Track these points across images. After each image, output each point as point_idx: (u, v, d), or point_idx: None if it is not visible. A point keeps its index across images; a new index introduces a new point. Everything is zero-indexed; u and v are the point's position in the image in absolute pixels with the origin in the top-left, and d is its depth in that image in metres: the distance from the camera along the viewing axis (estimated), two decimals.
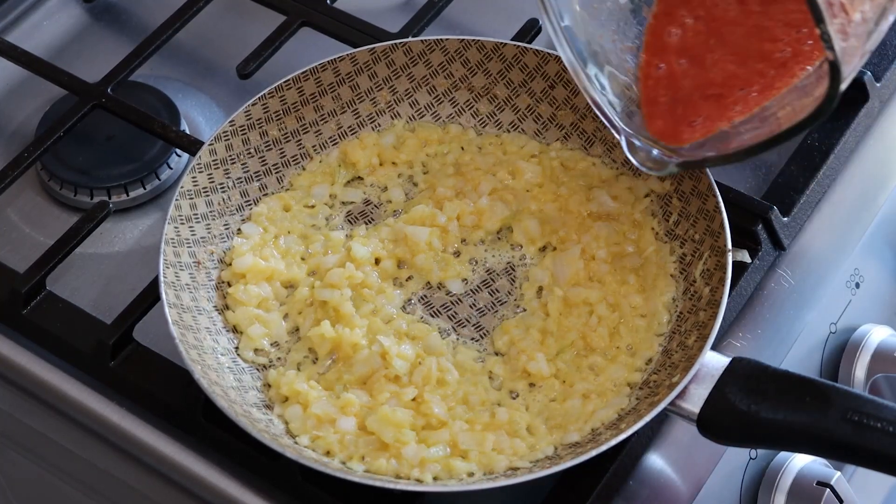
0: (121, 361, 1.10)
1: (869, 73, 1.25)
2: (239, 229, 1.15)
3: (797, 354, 1.16)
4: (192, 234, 1.13)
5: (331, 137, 1.21)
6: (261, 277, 1.12)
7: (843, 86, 0.94)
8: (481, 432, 1.04)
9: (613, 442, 0.99)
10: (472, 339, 1.11)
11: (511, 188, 1.18)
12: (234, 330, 1.11)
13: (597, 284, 1.12)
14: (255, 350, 1.10)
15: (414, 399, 1.06)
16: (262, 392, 1.07)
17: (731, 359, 1.01)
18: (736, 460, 1.12)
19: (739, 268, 1.14)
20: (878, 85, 1.26)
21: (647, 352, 1.08)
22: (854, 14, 0.93)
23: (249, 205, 1.17)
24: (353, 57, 1.21)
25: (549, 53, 1.19)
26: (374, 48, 1.21)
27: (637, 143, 1.10)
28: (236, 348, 1.09)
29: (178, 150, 1.27)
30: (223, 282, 1.13)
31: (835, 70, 0.92)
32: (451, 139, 1.21)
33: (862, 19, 0.94)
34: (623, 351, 1.09)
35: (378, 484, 0.99)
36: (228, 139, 1.17)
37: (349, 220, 1.18)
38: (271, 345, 1.10)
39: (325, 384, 1.07)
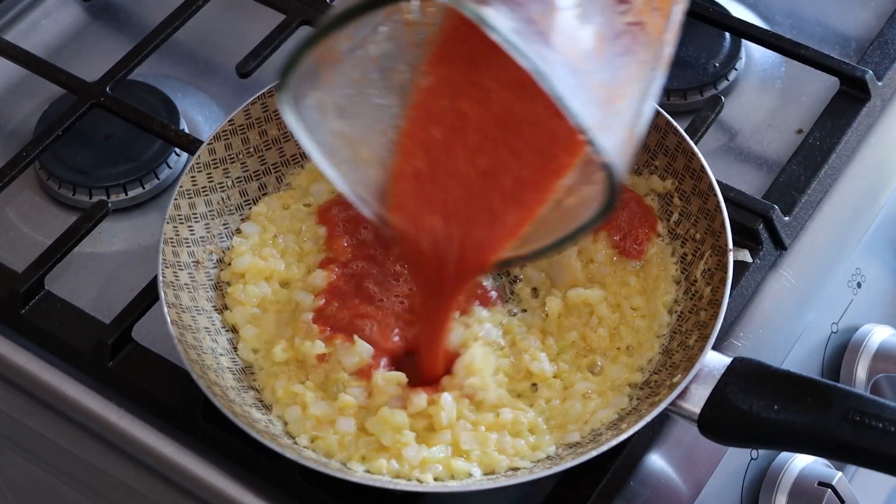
0: (120, 361, 1.10)
1: (871, 71, 1.25)
2: (238, 229, 1.15)
3: (798, 354, 1.15)
4: (192, 234, 1.12)
5: None
6: (260, 277, 1.12)
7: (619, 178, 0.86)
8: (485, 433, 1.03)
9: (614, 442, 0.99)
10: None
11: None
12: (234, 330, 1.10)
13: (597, 286, 1.11)
14: (254, 350, 1.09)
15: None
16: (260, 392, 1.07)
17: (732, 359, 1.01)
18: (737, 461, 1.11)
19: (740, 267, 1.13)
20: (879, 84, 1.25)
21: (648, 352, 1.08)
22: (619, 103, 0.86)
23: (249, 204, 1.17)
24: None
25: None
26: None
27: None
28: (235, 348, 1.09)
29: (177, 150, 1.26)
30: (222, 281, 1.12)
31: (609, 172, 0.85)
32: None
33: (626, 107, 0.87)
34: (623, 351, 1.08)
35: (378, 484, 0.99)
36: (228, 138, 1.16)
37: None
38: (265, 344, 1.09)
39: (318, 381, 1.06)
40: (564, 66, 0.82)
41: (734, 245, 1.08)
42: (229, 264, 1.13)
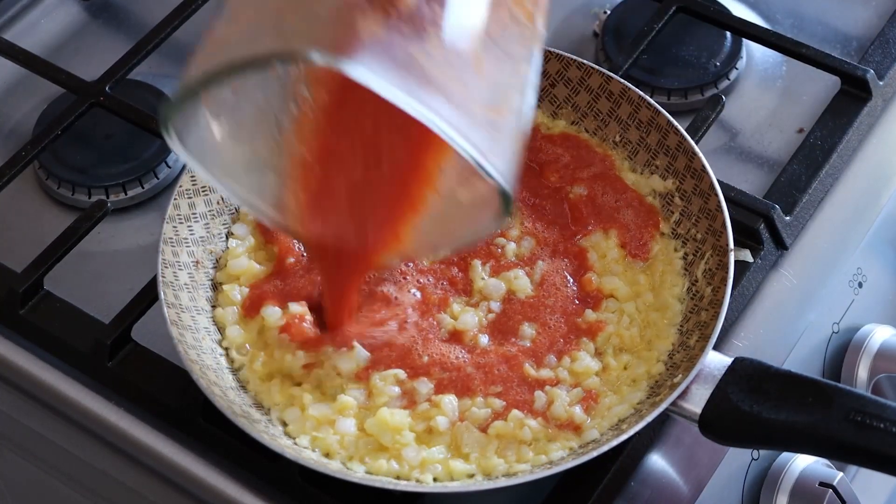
0: (119, 361, 1.10)
1: (872, 71, 1.25)
2: (230, 231, 1.14)
3: (799, 354, 1.15)
4: (191, 234, 1.12)
5: None
6: (253, 279, 1.11)
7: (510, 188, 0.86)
8: (487, 436, 1.03)
9: (615, 442, 0.98)
10: None
11: None
12: None
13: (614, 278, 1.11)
14: (240, 353, 1.08)
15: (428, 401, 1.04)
16: (257, 395, 1.06)
17: (733, 359, 1.01)
18: (738, 461, 1.11)
19: (741, 267, 1.13)
20: (880, 83, 1.25)
21: (665, 343, 1.07)
22: (503, 116, 0.86)
23: None
24: None
25: (549, 51, 1.18)
26: None
27: None
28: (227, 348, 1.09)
29: None
30: (219, 282, 1.12)
31: (504, 196, 0.86)
32: None
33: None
34: (644, 346, 1.08)
35: (378, 485, 0.99)
36: None
37: None
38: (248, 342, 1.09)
39: (313, 385, 1.06)
40: (446, 103, 0.81)
41: (735, 245, 1.08)
42: (225, 266, 1.12)
